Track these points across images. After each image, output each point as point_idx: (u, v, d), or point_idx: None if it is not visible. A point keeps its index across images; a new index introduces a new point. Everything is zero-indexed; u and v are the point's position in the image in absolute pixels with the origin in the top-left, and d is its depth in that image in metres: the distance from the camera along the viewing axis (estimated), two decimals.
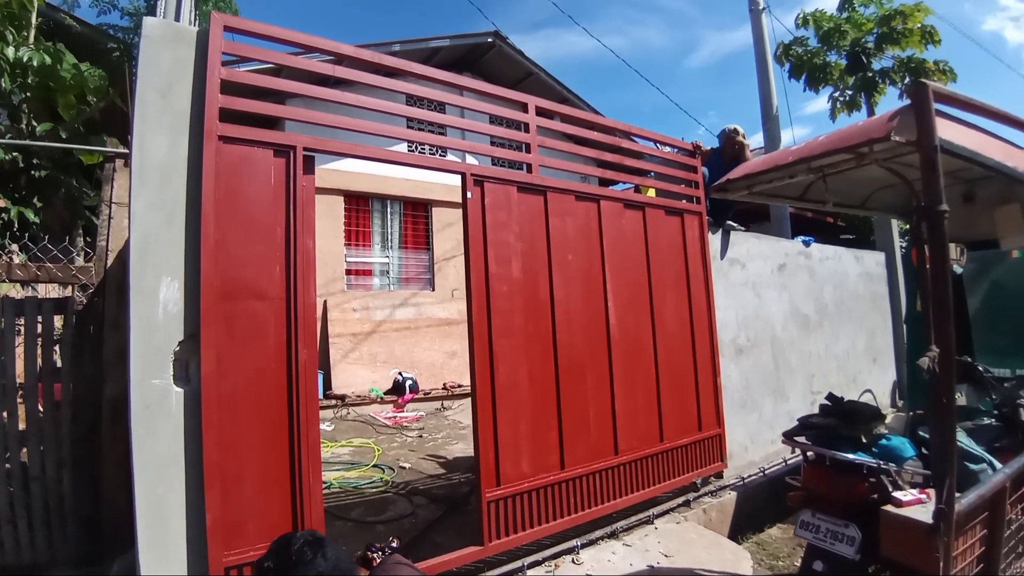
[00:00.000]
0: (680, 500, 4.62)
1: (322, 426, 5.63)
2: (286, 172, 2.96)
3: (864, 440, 2.95)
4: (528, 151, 3.97)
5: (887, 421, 3.51)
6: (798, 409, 6.17)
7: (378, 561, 1.98)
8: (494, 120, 4.16)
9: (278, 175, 2.94)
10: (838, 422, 3.02)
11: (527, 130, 3.98)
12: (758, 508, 4.93)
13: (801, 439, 3.17)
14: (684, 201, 5.05)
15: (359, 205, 9.72)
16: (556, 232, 3.98)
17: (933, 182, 2.17)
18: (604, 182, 5.02)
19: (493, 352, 3.57)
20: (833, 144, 2.57)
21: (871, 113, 10.11)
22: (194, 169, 2.73)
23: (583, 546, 3.86)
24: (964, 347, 4.24)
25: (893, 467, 2.79)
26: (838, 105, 10.94)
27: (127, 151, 3.79)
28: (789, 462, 5.54)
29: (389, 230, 10.04)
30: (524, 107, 4.01)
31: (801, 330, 6.41)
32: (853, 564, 2.76)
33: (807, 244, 6.78)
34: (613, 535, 4.06)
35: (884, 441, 2.94)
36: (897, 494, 2.67)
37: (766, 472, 5.33)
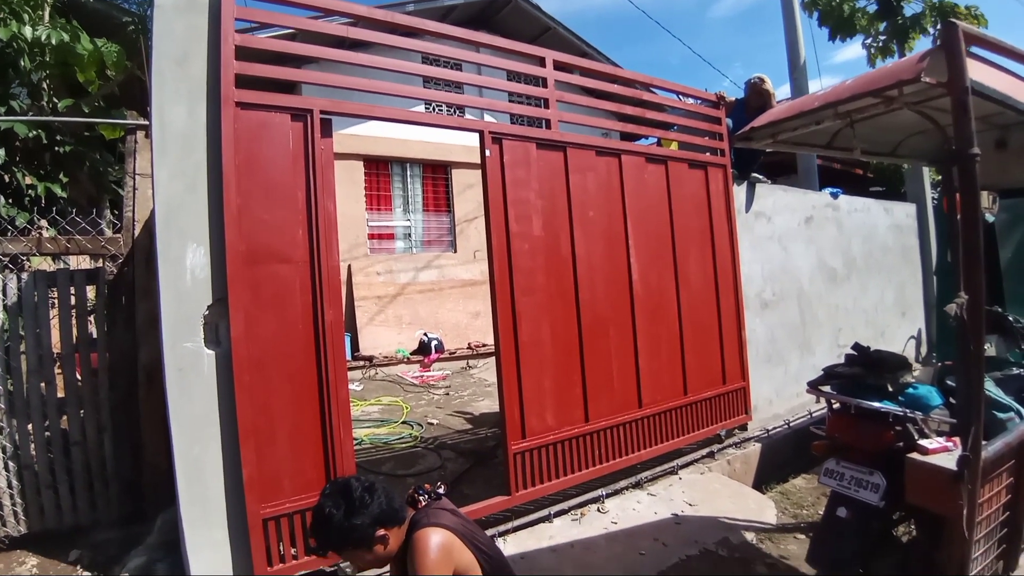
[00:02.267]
0: (704, 452, 4.66)
1: (351, 386, 5.76)
2: (304, 136, 2.97)
3: (890, 389, 2.92)
4: (547, 107, 3.91)
5: (914, 373, 3.48)
6: (824, 363, 6.00)
7: (423, 504, 2.06)
8: (511, 77, 4.09)
9: (296, 139, 2.96)
10: (864, 371, 2.99)
11: (545, 85, 3.92)
12: (783, 459, 4.95)
13: (826, 388, 3.16)
14: (708, 154, 4.95)
15: (379, 169, 9.71)
16: (577, 188, 3.95)
17: (964, 125, 2.10)
18: (626, 137, 4.93)
19: (516, 310, 3.59)
20: (861, 88, 2.48)
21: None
22: (213, 136, 2.76)
23: (608, 495, 3.94)
24: (995, 297, 4.15)
25: (919, 415, 2.77)
26: (872, 52, 10.54)
27: (147, 123, 3.83)
28: (814, 414, 5.52)
29: (410, 193, 10.04)
30: (542, 62, 3.93)
31: (828, 284, 6.32)
32: (877, 511, 2.76)
33: (835, 196, 6.63)
34: (638, 485, 4.14)
35: (911, 390, 2.91)
36: (923, 442, 2.63)
37: (791, 424, 5.32)
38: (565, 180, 3.91)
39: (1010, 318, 3.55)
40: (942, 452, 2.56)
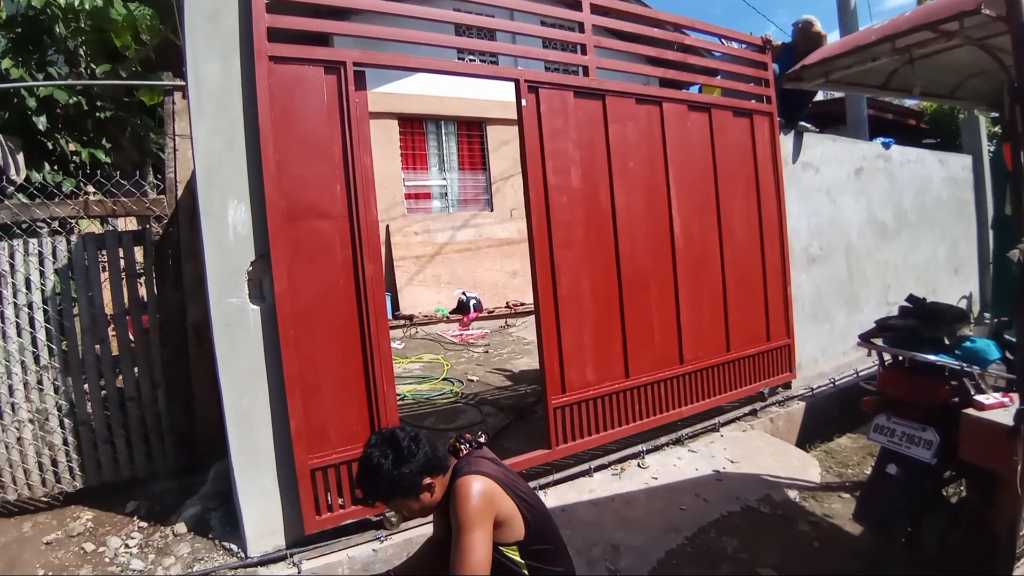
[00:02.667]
0: (747, 409, 4.60)
1: (393, 344, 5.81)
2: (338, 89, 2.94)
3: (947, 342, 2.80)
4: (584, 53, 3.77)
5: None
6: (872, 321, 5.87)
7: (465, 452, 2.07)
8: (546, 23, 3.95)
9: (331, 93, 2.93)
10: (919, 323, 2.86)
11: (582, 30, 3.77)
12: (827, 418, 4.86)
13: (878, 341, 3.04)
14: (753, 101, 4.73)
15: (413, 128, 9.61)
16: (616, 138, 3.83)
17: None
18: (667, 84, 4.73)
19: (555, 264, 3.55)
20: (920, 19, 2.33)
21: None
22: (248, 91, 2.75)
23: (648, 451, 3.93)
24: None
25: (976, 369, 2.65)
26: None
27: (184, 83, 3.84)
28: (861, 373, 5.39)
29: (445, 152, 9.93)
30: (578, 5, 3.77)
31: (878, 238, 6.08)
32: (928, 468, 2.67)
33: (887, 146, 6.31)
34: (678, 441, 4.11)
35: (968, 343, 2.77)
36: (979, 397, 2.54)
37: (836, 383, 5.21)
38: (604, 130, 3.80)
39: None
40: (998, 408, 2.47)
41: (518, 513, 1.95)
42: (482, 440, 2.14)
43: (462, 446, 2.08)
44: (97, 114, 5.94)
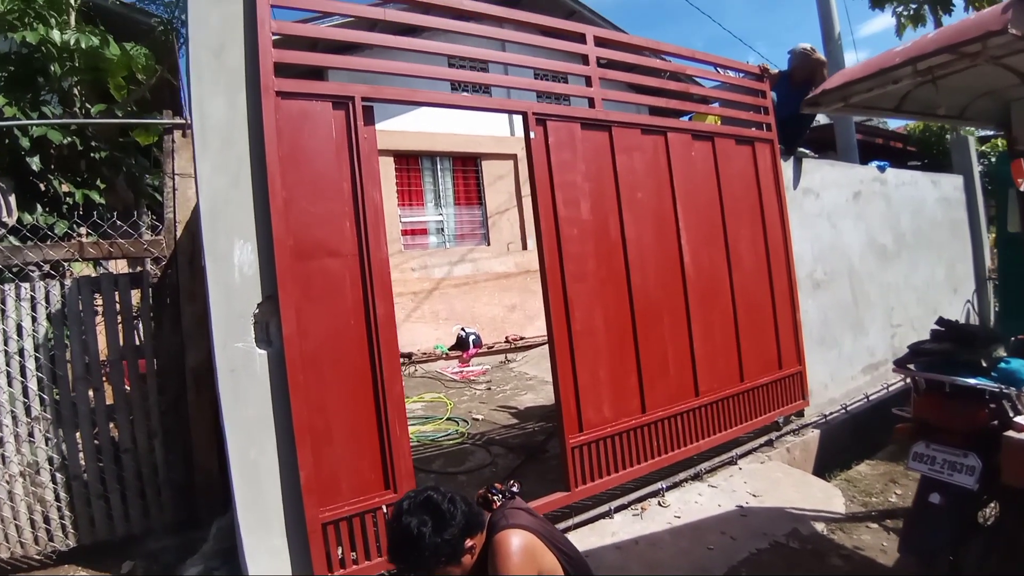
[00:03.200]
0: (762, 440, 4.49)
1: None
2: (346, 124, 2.87)
3: (984, 364, 2.72)
4: (589, 84, 3.75)
5: None
6: (877, 344, 5.90)
7: (498, 504, 1.94)
8: (551, 56, 3.93)
9: (339, 128, 2.86)
10: (954, 347, 2.79)
11: (586, 62, 3.76)
12: (842, 445, 4.76)
13: (911, 367, 2.96)
14: (753, 129, 4.74)
15: (409, 164, 9.59)
16: (623, 169, 3.79)
17: None
18: (660, 112, 4.71)
19: (568, 298, 3.46)
20: (945, 41, 2.32)
21: (938, 26, 9.33)
22: (255, 127, 2.67)
23: (668, 488, 3.80)
24: None
25: (1014, 391, 2.57)
26: (903, 20, 10.27)
27: (184, 121, 3.77)
28: (871, 398, 5.33)
29: (441, 187, 9.89)
30: (582, 38, 3.77)
31: (879, 261, 6.06)
32: (972, 495, 2.58)
33: (882, 170, 6.35)
34: (697, 477, 3.99)
35: (1003, 364, 2.71)
36: (1018, 419, 2.47)
37: (848, 409, 5.13)
38: (611, 161, 3.76)
39: None
40: None
41: (559, 567, 1.82)
42: (515, 490, 2.01)
43: (495, 497, 1.94)
44: (91, 154, 5.85)
